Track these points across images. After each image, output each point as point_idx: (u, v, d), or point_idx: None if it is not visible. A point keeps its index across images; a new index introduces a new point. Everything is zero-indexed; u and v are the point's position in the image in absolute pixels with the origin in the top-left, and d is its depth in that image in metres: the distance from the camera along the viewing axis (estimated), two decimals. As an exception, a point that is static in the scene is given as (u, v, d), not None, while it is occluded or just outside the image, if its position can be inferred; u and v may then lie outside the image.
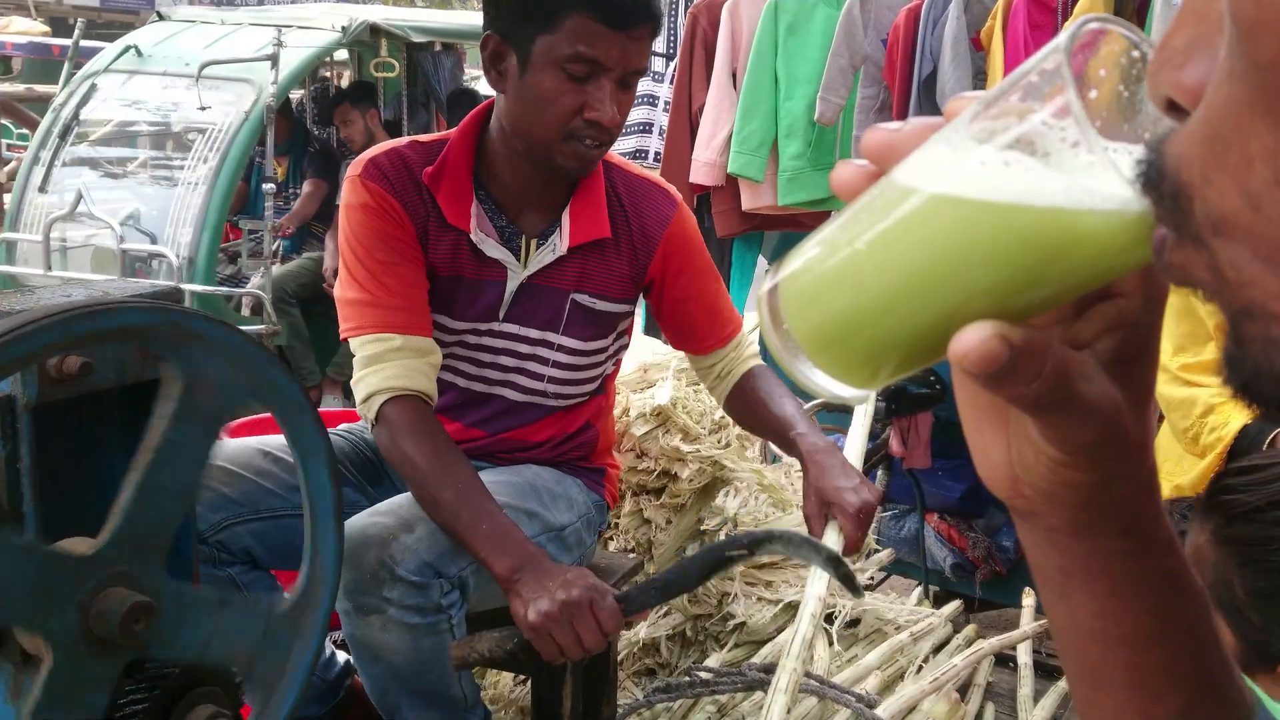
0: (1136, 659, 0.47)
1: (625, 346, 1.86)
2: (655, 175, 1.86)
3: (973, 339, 0.37)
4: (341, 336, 1.67)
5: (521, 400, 1.75)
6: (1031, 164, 0.36)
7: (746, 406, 1.84)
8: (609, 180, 1.73)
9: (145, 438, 0.96)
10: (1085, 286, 0.40)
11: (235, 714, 1.16)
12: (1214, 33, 0.31)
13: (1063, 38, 0.37)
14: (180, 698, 1.11)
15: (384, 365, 1.59)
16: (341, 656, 1.88)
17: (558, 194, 1.69)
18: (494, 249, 1.66)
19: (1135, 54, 0.39)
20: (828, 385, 0.42)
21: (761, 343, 1.99)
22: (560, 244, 1.68)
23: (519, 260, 1.68)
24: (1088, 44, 0.38)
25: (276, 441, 1.70)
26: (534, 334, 1.71)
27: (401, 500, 1.59)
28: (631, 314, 1.80)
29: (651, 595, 1.41)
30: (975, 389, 0.45)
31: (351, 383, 1.64)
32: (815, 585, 1.64)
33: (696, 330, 1.83)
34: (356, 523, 1.51)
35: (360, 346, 1.62)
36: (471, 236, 1.65)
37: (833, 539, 1.56)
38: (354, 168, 1.67)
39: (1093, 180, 0.35)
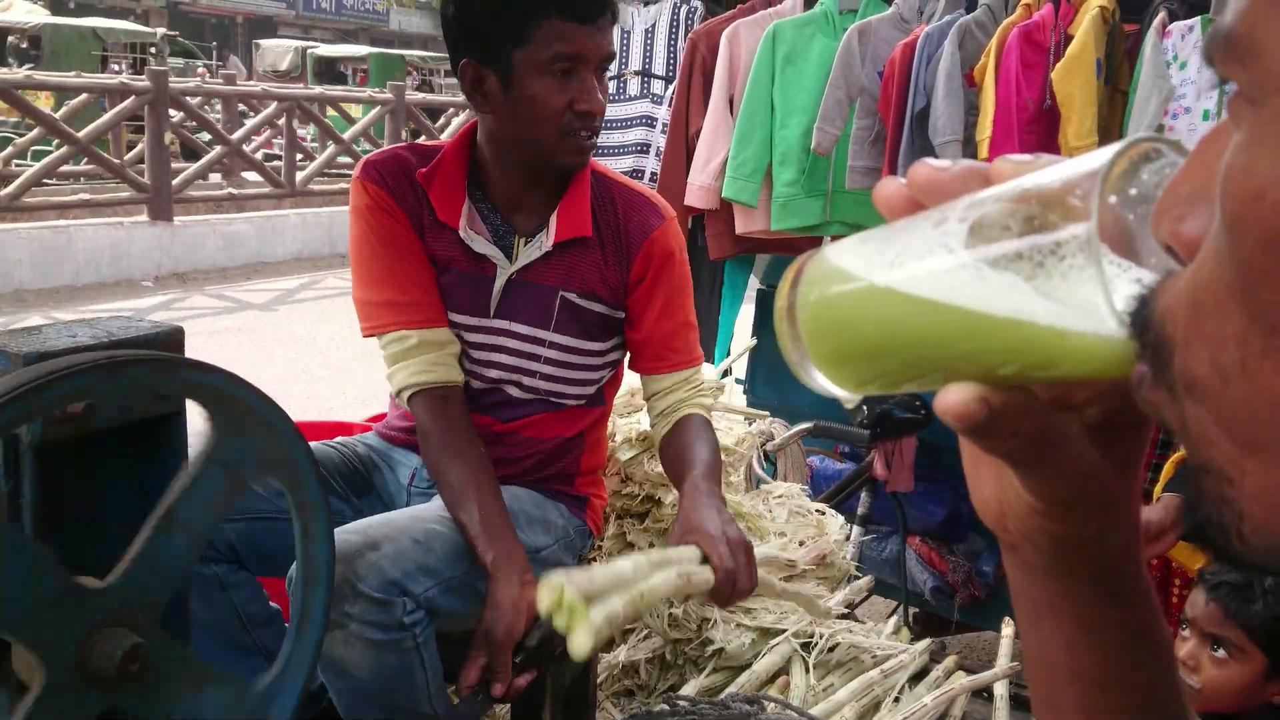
0: (1090, 695, 0.49)
1: (622, 360, 1.90)
2: (653, 192, 1.91)
3: (956, 398, 0.39)
4: (363, 334, 1.79)
5: (522, 398, 1.82)
6: (1034, 280, 0.37)
7: (672, 447, 1.82)
8: (600, 188, 1.81)
9: (175, 477, 0.99)
10: (1070, 380, 0.42)
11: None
12: (1216, 189, 0.31)
13: (1104, 158, 0.37)
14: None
15: (407, 363, 1.73)
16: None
17: (549, 195, 1.78)
18: (483, 245, 1.76)
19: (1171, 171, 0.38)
20: (825, 385, 0.46)
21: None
22: (546, 241, 1.76)
23: (508, 257, 1.77)
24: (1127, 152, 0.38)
25: None
26: (524, 330, 1.78)
27: (374, 520, 1.63)
28: (624, 321, 1.84)
29: None
30: None
31: (386, 375, 1.77)
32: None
33: (650, 347, 1.83)
34: None
35: (384, 345, 1.76)
36: (460, 234, 1.75)
37: (692, 557, 1.42)
38: (356, 171, 1.79)
39: (1090, 305, 0.36)
